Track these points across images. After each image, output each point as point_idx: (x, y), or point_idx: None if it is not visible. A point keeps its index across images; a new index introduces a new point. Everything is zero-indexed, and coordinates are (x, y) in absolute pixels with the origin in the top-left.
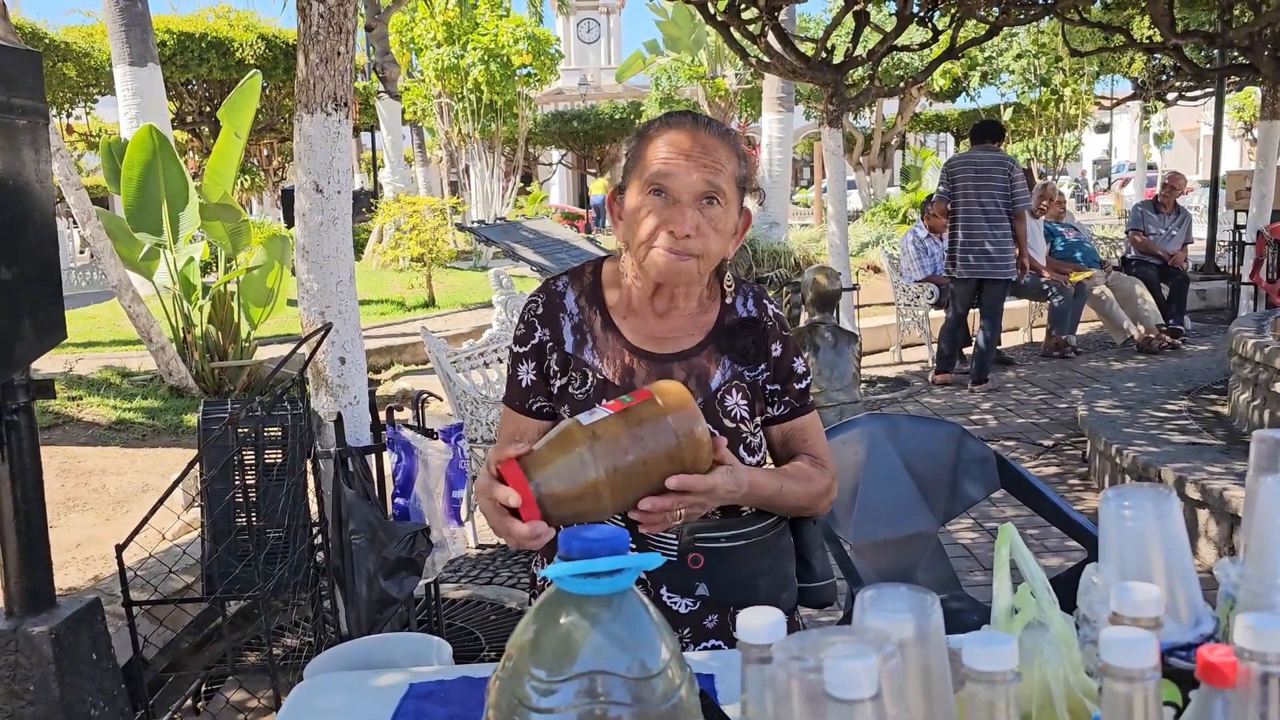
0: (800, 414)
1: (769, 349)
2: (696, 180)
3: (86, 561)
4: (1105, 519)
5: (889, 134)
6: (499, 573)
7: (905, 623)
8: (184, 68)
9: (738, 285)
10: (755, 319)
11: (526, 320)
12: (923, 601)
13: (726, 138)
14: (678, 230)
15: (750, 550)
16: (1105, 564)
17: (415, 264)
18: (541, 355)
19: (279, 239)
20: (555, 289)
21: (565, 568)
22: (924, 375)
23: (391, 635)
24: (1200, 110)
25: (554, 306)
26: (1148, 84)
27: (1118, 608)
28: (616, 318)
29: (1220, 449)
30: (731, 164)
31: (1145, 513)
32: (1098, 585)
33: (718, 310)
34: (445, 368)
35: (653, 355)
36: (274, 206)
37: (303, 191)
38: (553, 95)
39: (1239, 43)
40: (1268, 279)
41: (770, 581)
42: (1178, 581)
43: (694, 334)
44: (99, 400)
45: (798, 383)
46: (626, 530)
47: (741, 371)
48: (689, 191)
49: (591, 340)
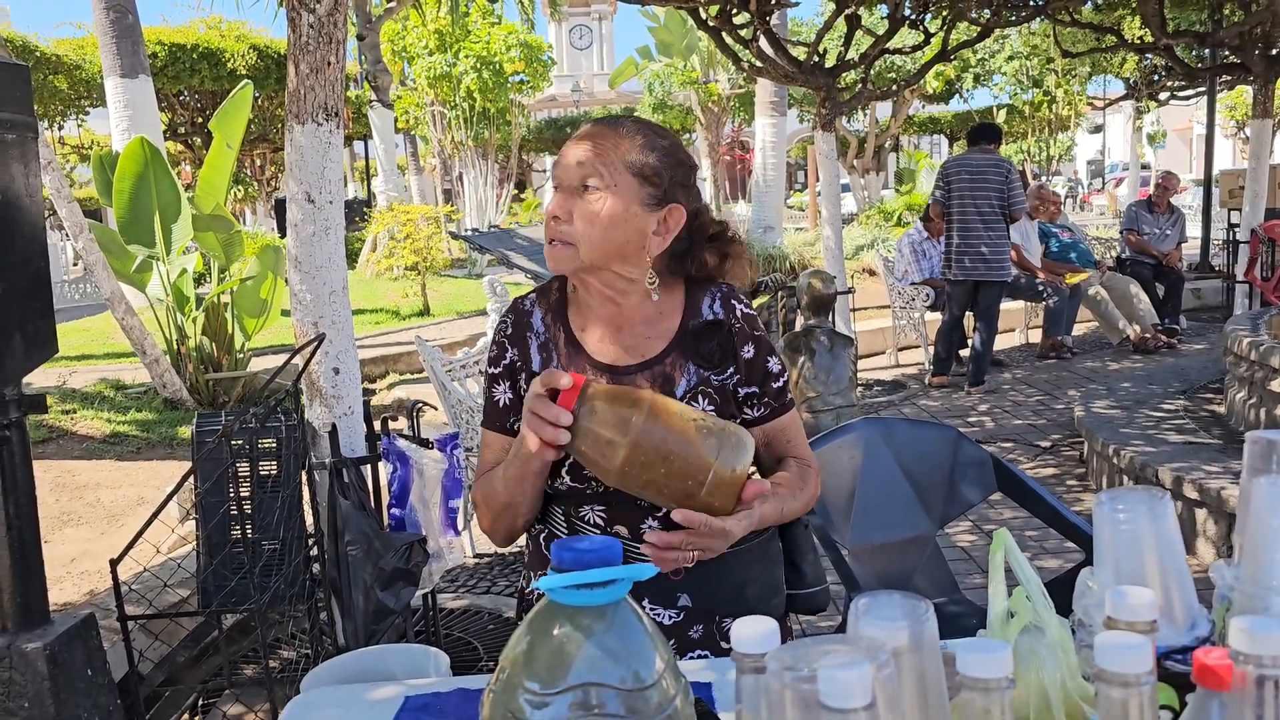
0: (780, 413)
1: (737, 351)
2: (570, 170)
3: (82, 576)
4: (1100, 522)
5: (882, 136)
6: (496, 581)
7: (900, 630)
8: (175, 79)
9: (705, 286)
10: (719, 321)
11: (497, 341)
12: (917, 609)
13: (620, 127)
14: (550, 212)
15: (736, 559)
16: (1100, 567)
17: (409, 272)
18: (513, 375)
19: (272, 249)
20: (523, 308)
21: (558, 579)
22: (920, 378)
23: (389, 647)
24: (1193, 110)
25: (521, 326)
26: (1140, 84)
27: (1113, 612)
28: (578, 333)
29: (1217, 448)
30: (622, 151)
31: (1139, 515)
32: (1093, 589)
33: (680, 315)
34: (440, 376)
35: (615, 368)
36: (267, 216)
37: (294, 202)
38: (546, 102)
39: (1230, 42)
40: (1262, 277)
41: (758, 589)
42: (1173, 584)
43: (657, 341)
44: (93, 413)
45: (774, 382)
46: (618, 541)
47: (708, 376)
48: (564, 180)
49: (557, 358)
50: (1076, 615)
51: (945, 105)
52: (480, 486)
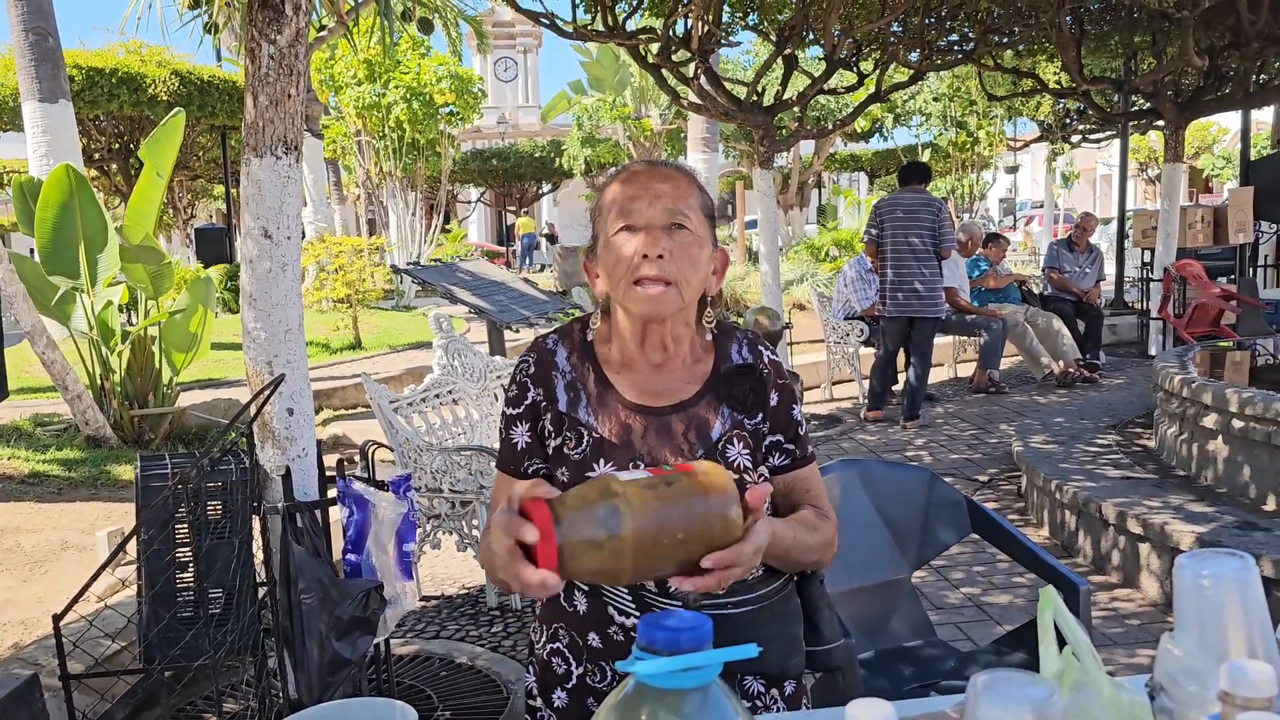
0: (802, 464)
1: (767, 397)
2: (659, 208)
3: (5, 627)
4: (1182, 587)
5: (806, 173)
6: (445, 625)
7: (1024, 716)
8: (93, 103)
9: (731, 331)
10: (751, 365)
11: (519, 381)
12: (1042, 693)
13: (683, 171)
14: (650, 251)
15: (758, 615)
16: (1183, 633)
17: (340, 305)
18: (536, 416)
19: (203, 281)
20: (546, 347)
21: (659, 665)
22: (855, 412)
23: (350, 701)
24: (1098, 152)
25: (546, 365)
26: (1054, 126)
27: (1230, 688)
28: (610, 373)
29: (1154, 483)
30: (694, 194)
31: (1226, 581)
32: (1177, 655)
33: (713, 359)
34: (387, 414)
35: (649, 409)
36: (184, 245)
37: (250, 237)
38: (471, 133)
39: (1143, 89)
40: (1175, 314)
41: (779, 646)
42: (1260, 655)
43: (690, 384)
44: (10, 451)
45: (798, 430)
46: (709, 619)
47: (741, 420)
48: (654, 219)
49: (585, 398)
50: (1156, 680)
51: (866, 143)
52: (484, 549)
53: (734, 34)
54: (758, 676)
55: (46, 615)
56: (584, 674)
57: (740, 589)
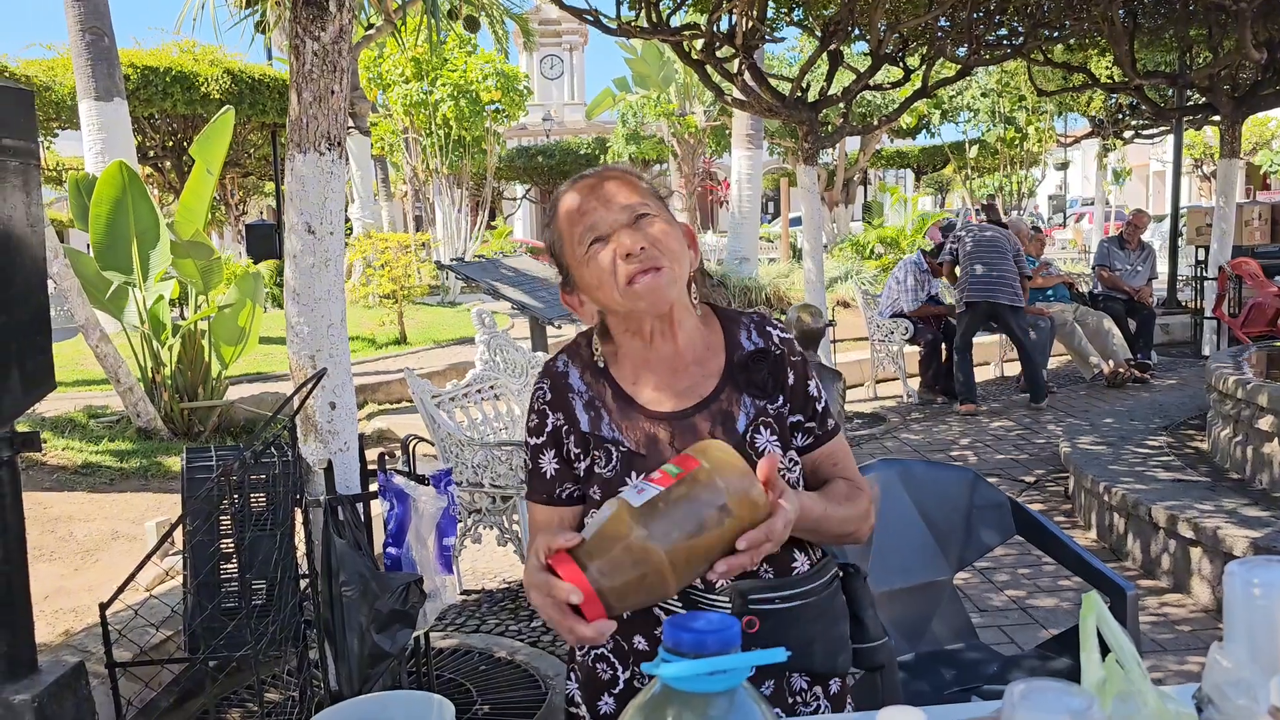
0: (826, 440)
1: (785, 377)
2: (617, 209)
3: (56, 615)
4: (1232, 596)
5: (851, 170)
6: (485, 620)
7: None
8: (147, 102)
9: (736, 318)
10: (764, 349)
11: (536, 409)
12: (1081, 704)
13: (617, 168)
14: (631, 249)
15: (806, 611)
16: (1232, 643)
17: (386, 300)
18: (559, 441)
19: (251, 276)
20: (557, 370)
21: (684, 668)
22: (899, 411)
23: (391, 694)
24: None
25: (561, 389)
26: (1106, 122)
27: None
28: (626, 386)
29: (1206, 486)
30: (638, 183)
31: (1278, 590)
32: (1226, 667)
33: (725, 349)
34: (429, 409)
35: (672, 415)
36: (236, 241)
37: (294, 233)
38: (517, 130)
39: (1199, 83)
40: (1230, 313)
41: (826, 644)
42: None
43: (708, 379)
44: (64, 443)
45: (816, 405)
46: (736, 619)
47: (764, 406)
48: (618, 221)
49: (607, 414)
50: (1204, 691)
51: (912, 140)
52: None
53: (778, 29)
54: (803, 674)
55: (95, 604)
56: (630, 678)
57: (788, 583)
